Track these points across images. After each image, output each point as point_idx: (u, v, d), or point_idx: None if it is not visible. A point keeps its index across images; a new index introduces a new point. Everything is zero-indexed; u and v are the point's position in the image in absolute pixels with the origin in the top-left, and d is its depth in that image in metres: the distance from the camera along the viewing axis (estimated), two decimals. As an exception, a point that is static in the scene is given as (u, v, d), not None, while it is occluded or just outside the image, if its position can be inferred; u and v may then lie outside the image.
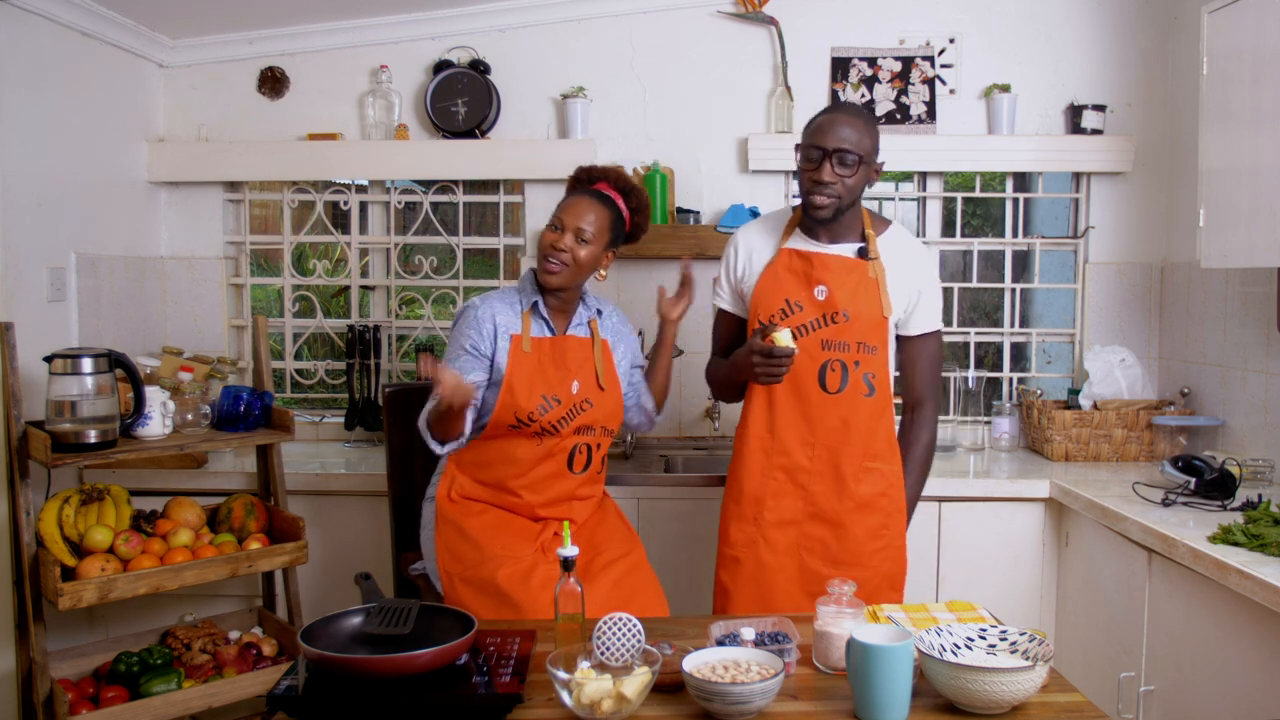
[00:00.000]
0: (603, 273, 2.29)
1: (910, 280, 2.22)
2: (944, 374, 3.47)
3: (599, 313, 2.37)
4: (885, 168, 3.32)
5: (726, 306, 2.36)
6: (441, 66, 3.35)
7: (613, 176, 2.32)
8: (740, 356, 2.20)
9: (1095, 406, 3.11)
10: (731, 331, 2.37)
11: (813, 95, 3.36)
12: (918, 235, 3.52)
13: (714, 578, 2.34)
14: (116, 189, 3.22)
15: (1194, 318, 3.15)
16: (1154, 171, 3.33)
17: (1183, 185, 3.21)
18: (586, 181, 2.32)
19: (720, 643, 1.69)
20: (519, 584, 2.10)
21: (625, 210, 2.31)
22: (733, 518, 2.28)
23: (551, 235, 2.21)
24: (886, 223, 2.28)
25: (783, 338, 2.07)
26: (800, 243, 2.24)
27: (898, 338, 2.27)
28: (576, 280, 2.25)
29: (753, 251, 2.29)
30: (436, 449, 2.21)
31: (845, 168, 2.10)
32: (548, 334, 2.26)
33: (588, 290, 2.36)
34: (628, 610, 2.09)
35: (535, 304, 2.25)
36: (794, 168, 3.37)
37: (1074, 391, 3.22)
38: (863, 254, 2.20)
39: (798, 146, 2.18)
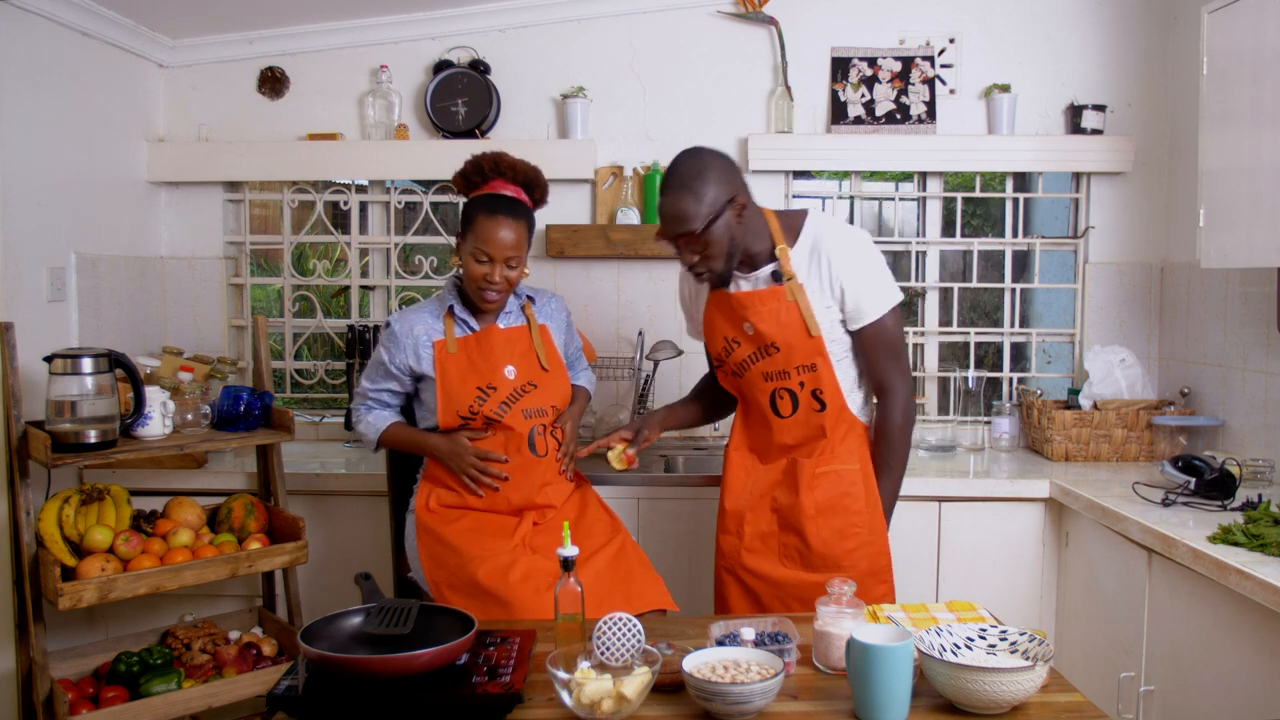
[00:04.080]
0: (527, 270, 2.29)
1: (829, 281, 2.14)
2: (944, 374, 3.48)
3: (531, 300, 2.41)
4: (885, 167, 3.36)
5: (697, 338, 2.41)
6: (441, 66, 3.35)
7: (508, 171, 2.30)
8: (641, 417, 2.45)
9: (1095, 406, 3.11)
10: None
11: (813, 95, 3.36)
12: (918, 235, 3.52)
13: (715, 580, 2.37)
14: (116, 189, 3.22)
15: (1194, 318, 3.15)
16: (1154, 171, 3.33)
17: (1183, 185, 3.21)
18: (481, 181, 2.29)
19: (720, 643, 1.69)
20: (499, 579, 2.12)
21: (530, 201, 2.33)
22: (720, 531, 2.33)
23: (481, 269, 2.21)
24: (800, 220, 2.19)
25: (612, 458, 2.31)
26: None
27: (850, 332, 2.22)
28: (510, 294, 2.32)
29: (693, 288, 2.33)
30: (373, 450, 2.43)
31: (697, 243, 2.06)
32: (470, 333, 2.32)
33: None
34: (625, 594, 2.11)
35: (451, 308, 2.32)
36: (794, 168, 3.40)
37: (1074, 391, 3.22)
38: (776, 278, 2.16)
39: (658, 237, 2.14)
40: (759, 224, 2.16)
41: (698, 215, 2.03)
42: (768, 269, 2.17)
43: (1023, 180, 3.49)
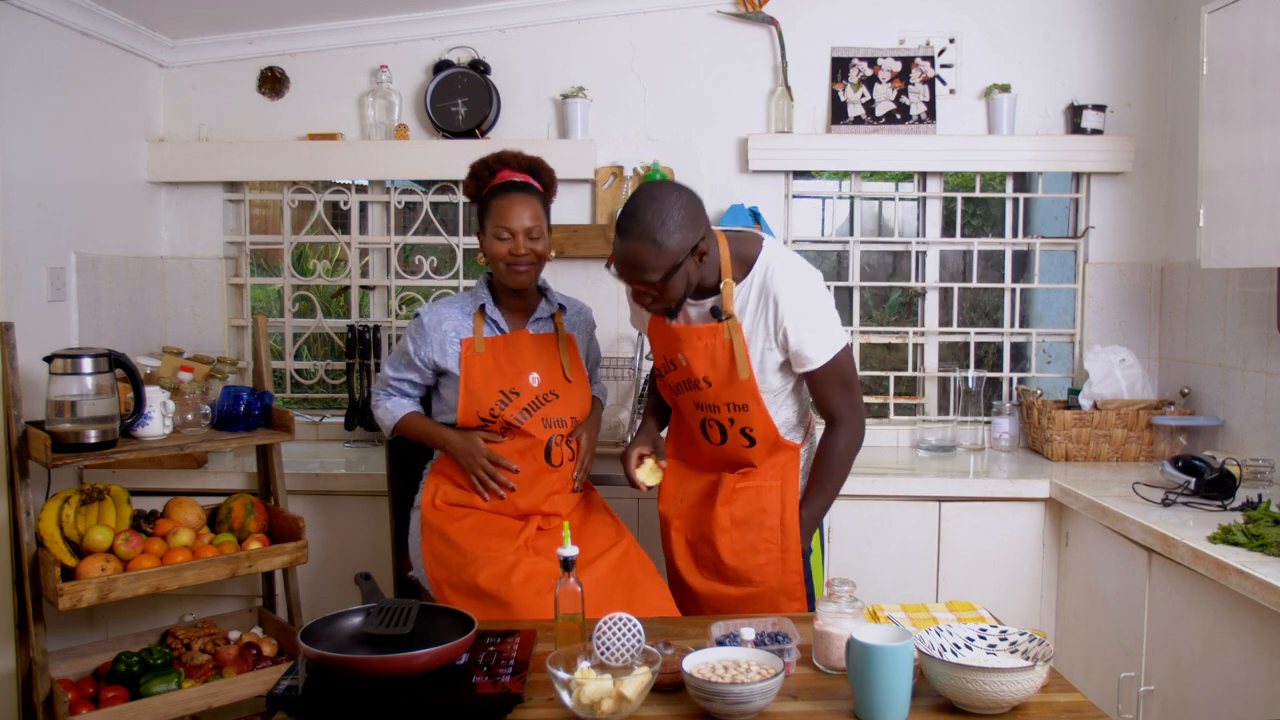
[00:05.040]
0: (551, 253, 2.32)
1: (773, 325, 2.07)
2: (944, 374, 3.48)
3: (562, 308, 2.42)
4: (885, 167, 3.37)
5: (636, 325, 2.40)
6: (441, 66, 3.35)
7: (511, 161, 2.32)
8: (634, 439, 2.32)
9: (1095, 406, 3.11)
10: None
11: (813, 95, 3.36)
12: (918, 235, 3.51)
13: None
14: (116, 189, 3.22)
15: (1194, 318, 3.15)
16: (1154, 171, 3.33)
17: (1183, 185, 3.21)
18: (488, 175, 2.31)
19: (720, 643, 1.69)
20: (501, 583, 2.12)
21: (540, 185, 2.33)
22: (661, 535, 2.34)
23: (504, 245, 2.23)
24: (754, 250, 2.10)
25: (645, 475, 2.24)
26: None
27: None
28: (540, 272, 2.32)
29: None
30: (389, 435, 2.43)
31: (651, 288, 1.99)
32: (499, 334, 2.32)
33: (549, 286, 2.41)
34: (626, 598, 2.11)
35: (483, 306, 2.31)
36: (794, 168, 3.39)
37: (1074, 391, 3.22)
38: (715, 314, 2.09)
39: (608, 264, 2.08)
40: (713, 253, 2.07)
41: (657, 267, 1.94)
42: (710, 302, 2.11)
43: (1023, 180, 3.48)
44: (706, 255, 2.02)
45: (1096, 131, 3.27)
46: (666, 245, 1.93)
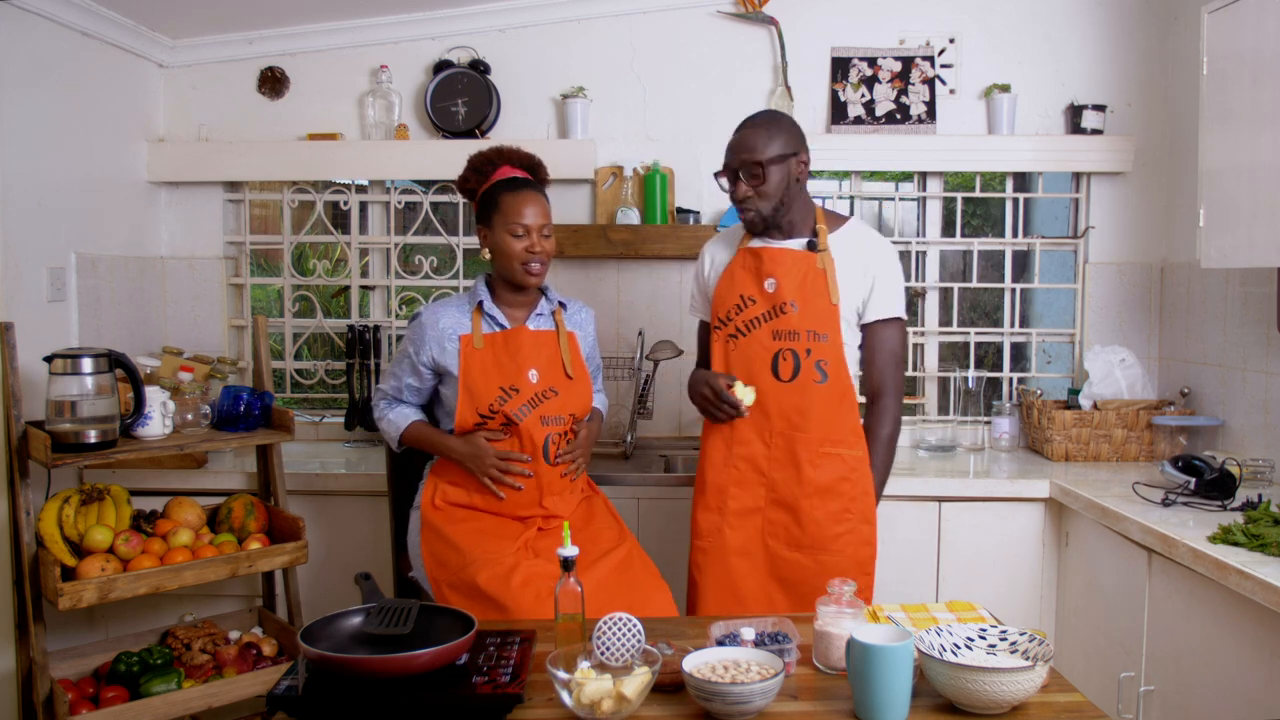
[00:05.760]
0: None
1: (862, 268, 2.25)
2: (944, 374, 3.48)
3: (562, 305, 2.41)
4: (885, 167, 3.37)
5: (702, 316, 2.43)
6: (441, 66, 3.35)
7: (511, 157, 2.35)
8: (693, 382, 2.32)
9: (1095, 406, 3.11)
10: (709, 341, 2.40)
11: (813, 95, 3.36)
12: (918, 235, 3.52)
13: (689, 563, 2.37)
14: (116, 189, 3.23)
15: (1194, 318, 3.15)
16: (1154, 171, 3.33)
17: (1183, 185, 3.21)
18: (490, 170, 2.32)
19: (720, 643, 1.69)
20: (500, 585, 2.11)
21: (540, 181, 2.38)
22: (699, 508, 2.34)
23: (521, 243, 2.25)
24: (844, 219, 2.32)
25: (742, 392, 2.20)
26: (756, 242, 2.31)
27: (860, 327, 2.30)
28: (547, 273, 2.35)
29: (715, 258, 2.39)
30: (396, 447, 2.41)
31: (754, 178, 2.18)
32: (498, 330, 2.32)
33: (549, 285, 2.41)
34: (628, 601, 2.11)
35: (480, 304, 2.31)
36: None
37: (1074, 391, 3.22)
38: (811, 247, 2.25)
39: (717, 174, 2.26)
40: (807, 203, 2.28)
41: (766, 148, 2.16)
42: (804, 239, 2.26)
43: (1023, 180, 3.48)
44: (804, 173, 2.24)
45: (1096, 131, 3.27)
46: (776, 135, 2.19)
